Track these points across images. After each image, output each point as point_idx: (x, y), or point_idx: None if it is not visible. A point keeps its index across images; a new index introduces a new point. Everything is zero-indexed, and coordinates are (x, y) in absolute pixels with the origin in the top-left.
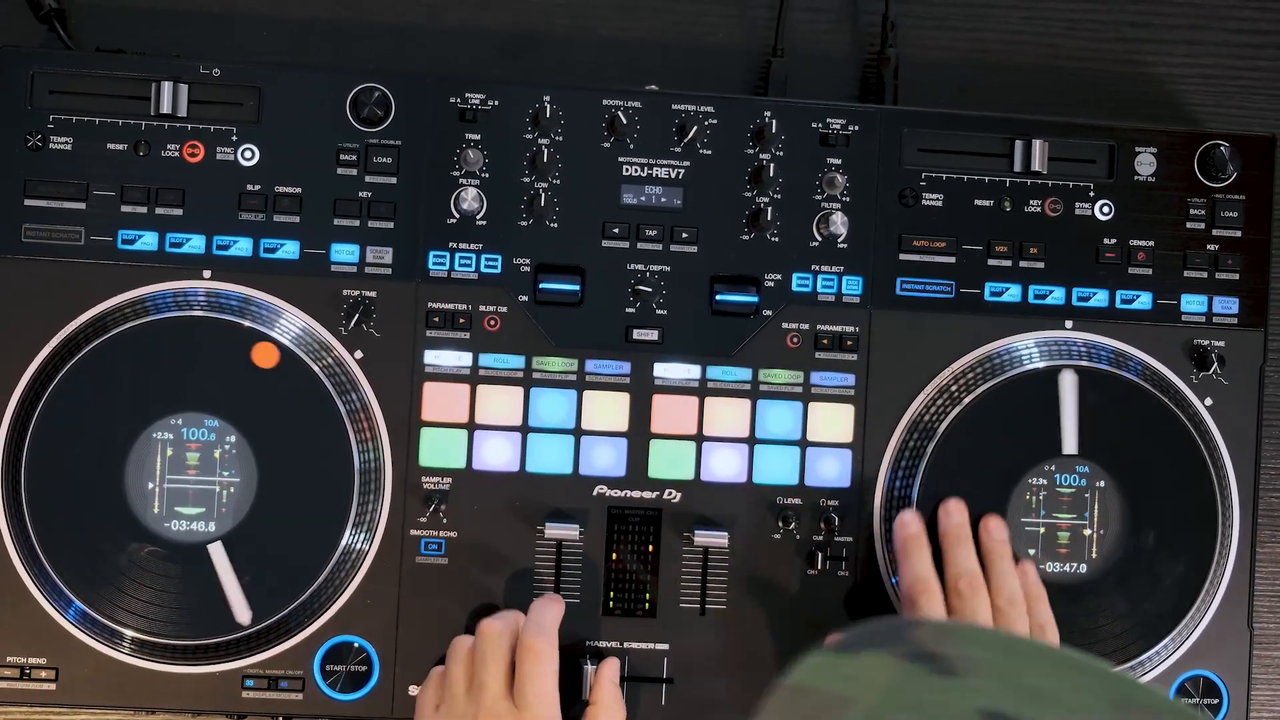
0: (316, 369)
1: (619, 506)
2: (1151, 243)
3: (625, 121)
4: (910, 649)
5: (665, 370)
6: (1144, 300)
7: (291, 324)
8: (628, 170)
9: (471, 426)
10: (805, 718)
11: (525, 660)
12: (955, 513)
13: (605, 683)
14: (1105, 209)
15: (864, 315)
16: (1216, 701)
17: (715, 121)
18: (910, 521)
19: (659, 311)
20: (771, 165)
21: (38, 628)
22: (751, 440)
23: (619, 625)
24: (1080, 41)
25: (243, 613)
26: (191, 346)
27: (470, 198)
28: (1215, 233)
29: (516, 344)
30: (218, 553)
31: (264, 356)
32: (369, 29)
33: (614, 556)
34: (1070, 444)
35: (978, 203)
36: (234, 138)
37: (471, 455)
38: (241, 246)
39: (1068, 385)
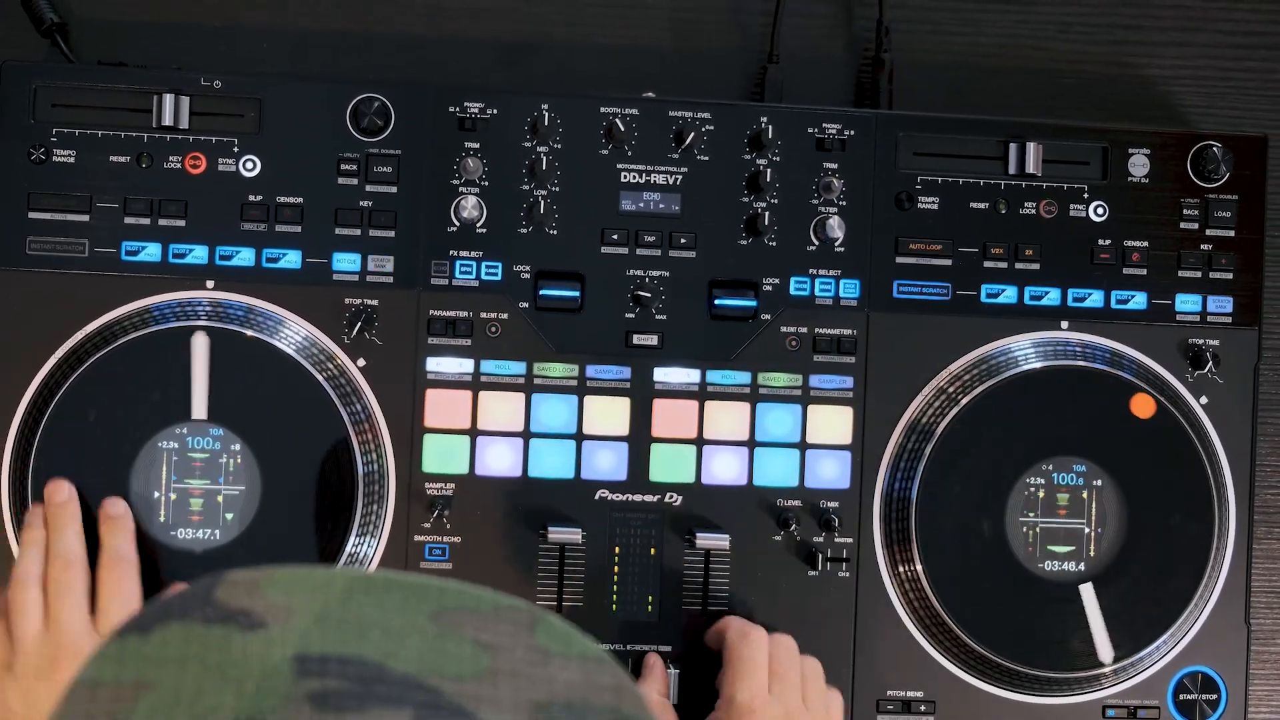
0: (320, 377)
1: (621, 510)
2: (1146, 243)
3: (623, 129)
4: (214, 611)
5: (665, 375)
6: (1139, 300)
7: (294, 333)
8: (626, 177)
9: (474, 432)
10: (96, 716)
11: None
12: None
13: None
14: (1099, 210)
15: (861, 318)
16: (1215, 697)
17: (712, 128)
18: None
19: (658, 317)
20: (768, 170)
21: None
22: (751, 443)
23: (622, 628)
24: (1073, 45)
25: None
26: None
27: (470, 206)
28: (1209, 232)
29: (517, 350)
30: None
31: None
32: (368, 40)
33: (616, 560)
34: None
35: (973, 205)
36: (235, 149)
37: (474, 461)
38: (244, 257)
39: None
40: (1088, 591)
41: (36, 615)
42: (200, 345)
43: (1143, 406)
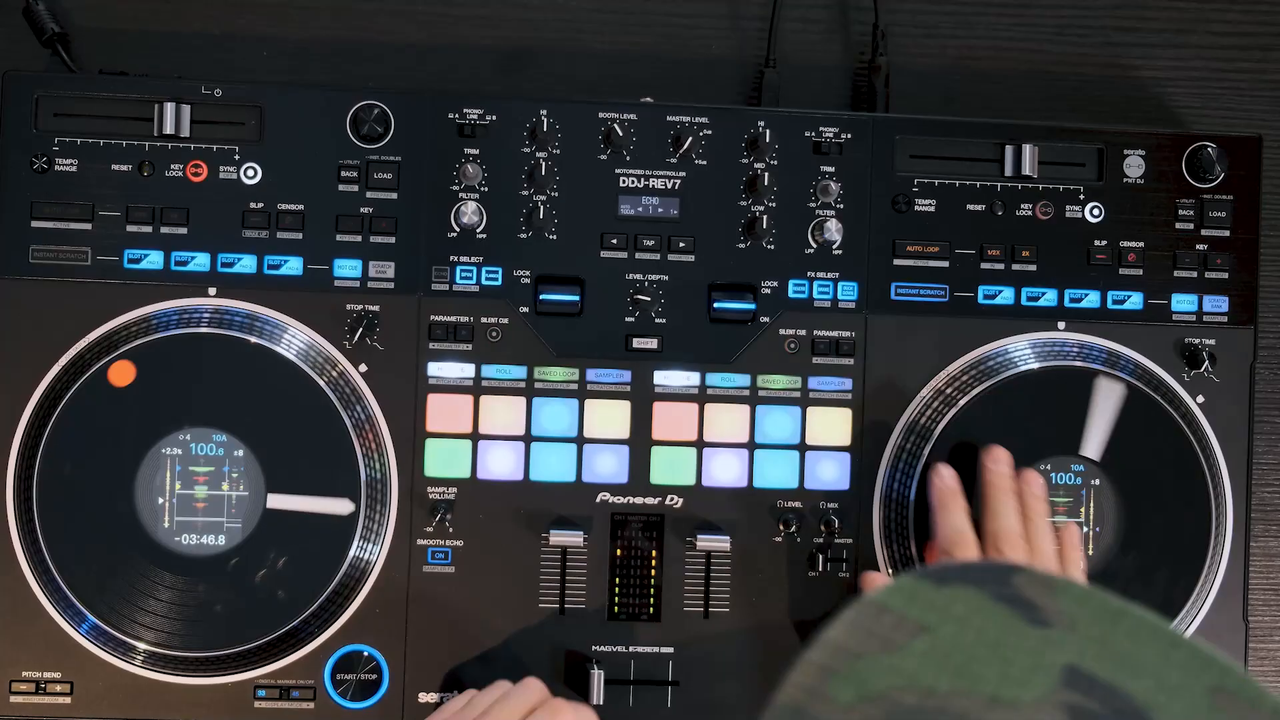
0: (322, 383)
1: (622, 513)
2: (1141, 244)
3: (621, 134)
4: (1007, 591)
5: (665, 378)
6: (1135, 300)
7: (297, 339)
8: (625, 181)
9: (475, 437)
10: (873, 635)
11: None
12: (1002, 462)
13: None
14: (1095, 211)
15: (859, 320)
16: None
17: (710, 132)
18: (948, 476)
19: (658, 320)
20: (766, 174)
21: (52, 642)
22: (751, 445)
23: (624, 630)
24: (1068, 47)
25: None
26: (198, 363)
27: (470, 211)
28: (1204, 232)
29: (518, 355)
30: None
31: (120, 375)
32: (367, 47)
33: (618, 562)
34: (1093, 448)
35: (970, 207)
36: (236, 156)
37: (476, 465)
38: (246, 264)
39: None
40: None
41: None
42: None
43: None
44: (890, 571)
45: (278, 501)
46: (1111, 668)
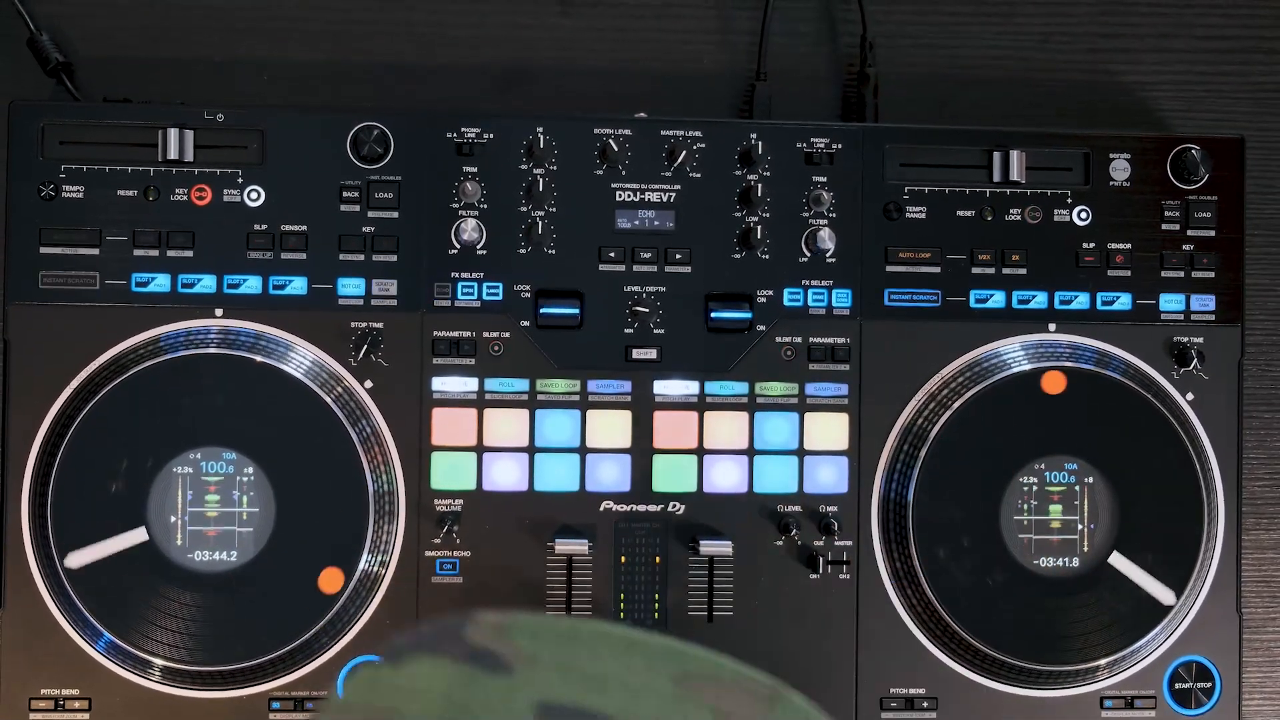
0: (328, 400)
1: (625, 520)
2: (1129, 245)
3: (616, 149)
4: (466, 649)
5: (665, 387)
6: (1124, 301)
7: (303, 357)
8: (621, 195)
9: (480, 449)
10: None
11: None
12: None
13: None
14: (1083, 214)
15: (854, 326)
16: (1209, 685)
17: (703, 145)
18: None
19: (657, 331)
20: (759, 185)
21: (70, 660)
22: (751, 451)
23: None
24: (1052, 54)
25: None
26: (207, 383)
27: (470, 228)
28: (1190, 233)
29: (520, 368)
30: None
31: (329, 582)
32: (365, 70)
33: (622, 569)
34: None
35: (960, 213)
36: (240, 179)
37: (481, 476)
38: (251, 284)
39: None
40: (1118, 560)
41: None
42: None
43: (1053, 383)
44: (891, 571)
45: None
46: (579, 692)
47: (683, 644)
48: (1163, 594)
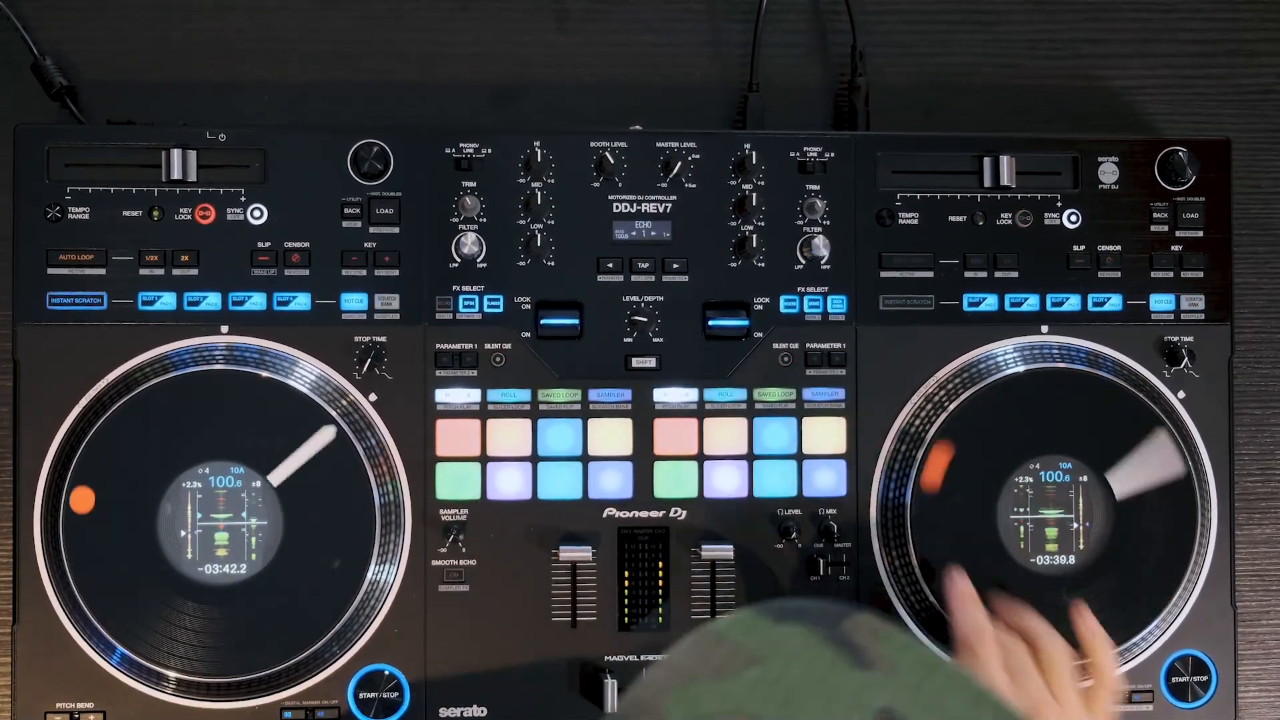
0: (333, 413)
1: (628, 527)
2: (1118, 247)
3: (613, 161)
4: (837, 633)
5: (664, 395)
6: (1114, 302)
7: (307, 372)
8: (618, 207)
9: (484, 459)
10: (708, 662)
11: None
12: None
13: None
14: (1073, 217)
15: (850, 332)
16: (1205, 678)
17: (698, 156)
18: (961, 581)
19: (655, 340)
20: (754, 194)
21: (84, 674)
22: (750, 456)
23: (634, 639)
24: (1040, 60)
25: None
26: (214, 398)
27: (470, 242)
28: (1178, 234)
29: (522, 378)
30: None
31: (80, 502)
32: (364, 88)
33: (626, 575)
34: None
35: (951, 219)
36: (242, 198)
37: (485, 486)
38: (256, 301)
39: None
40: (1115, 479)
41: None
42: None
43: (934, 467)
44: (890, 572)
45: (280, 474)
46: (921, 713)
47: (1024, 715)
48: (1175, 466)
